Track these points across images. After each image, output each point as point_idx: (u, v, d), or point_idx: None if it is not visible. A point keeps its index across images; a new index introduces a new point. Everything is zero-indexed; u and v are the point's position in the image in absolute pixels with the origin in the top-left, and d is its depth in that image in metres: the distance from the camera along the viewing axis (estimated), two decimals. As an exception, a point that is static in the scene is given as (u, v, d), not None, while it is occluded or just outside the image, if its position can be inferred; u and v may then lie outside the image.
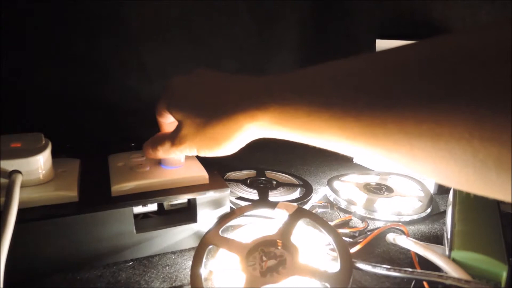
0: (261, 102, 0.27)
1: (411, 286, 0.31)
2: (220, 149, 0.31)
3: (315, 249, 0.35)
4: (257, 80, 0.29)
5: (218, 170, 0.42)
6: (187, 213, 0.38)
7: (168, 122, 0.38)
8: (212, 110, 0.30)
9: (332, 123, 0.23)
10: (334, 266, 0.32)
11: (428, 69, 0.19)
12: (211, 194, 0.37)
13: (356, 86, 0.22)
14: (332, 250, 0.35)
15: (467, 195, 0.41)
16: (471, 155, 0.17)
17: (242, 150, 0.32)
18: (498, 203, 0.39)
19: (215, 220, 0.37)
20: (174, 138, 0.33)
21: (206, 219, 0.37)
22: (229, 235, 0.37)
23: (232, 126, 0.29)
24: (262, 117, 0.27)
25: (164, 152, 0.35)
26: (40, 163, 0.34)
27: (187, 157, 0.41)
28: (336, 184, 0.52)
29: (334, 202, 0.48)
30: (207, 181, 0.38)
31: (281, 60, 0.75)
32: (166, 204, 0.38)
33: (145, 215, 0.38)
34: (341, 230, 0.40)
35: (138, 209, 0.36)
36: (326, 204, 0.45)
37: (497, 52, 0.17)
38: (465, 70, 0.17)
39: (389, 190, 0.50)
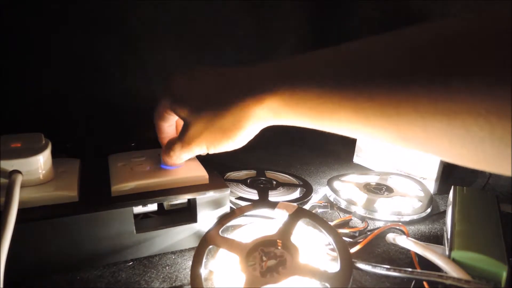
0: (270, 86, 0.27)
1: (411, 286, 0.31)
2: (230, 141, 0.30)
3: (315, 249, 0.35)
4: (264, 66, 0.29)
5: (218, 170, 0.42)
6: (187, 213, 0.38)
7: (168, 125, 0.37)
8: (221, 101, 0.29)
9: (344, 104, 0.23)
10: (334, 266, 0.32)
11: (444, 47, 0.19)
12: (211, 194, 0.37)
13: (369, 67, 0.22)
14: (332, 250, 0.35)
15: (467, 195, 0.41)
16: (488, 132, 0.17)
17: (242, 150, 0.32)
18: (498, 203, 0.40)
19: (215, 220, 0.37)
20: (182, 139, 0.32)
21: (206, 219, 0.37)
22: (229, 235, 0.37)
23: (242, 114, 0.28)
24: (272, 101, 0.27)
25: (177, 157, 0.35)
26: (40, 163, 0.34)
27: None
28: (336, 184, 0.52)
29: (334, 202, 0.48)
30: (207, 181, 0.38)
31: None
32: (166, 204, 0.38)
33: (145, 215, 0.38)
34: (341, 230, 0.40)
35: (138, 209, 0.36)
36: (326, 204, 0.45)
37: None
38: (482, 47, 0.17)
39: (389, 190, 0.50)
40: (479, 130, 0.17)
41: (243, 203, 0.43)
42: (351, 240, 0.39)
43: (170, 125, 0.37)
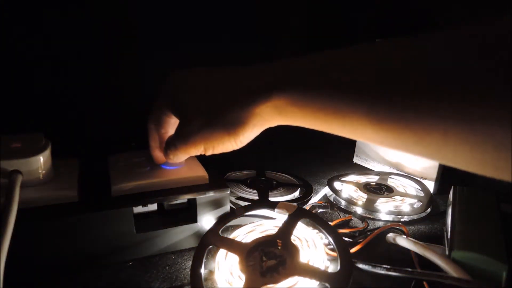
0: (279, 85, 0.25)
1: (411, 286, 0.31)
2: (232, 139, 0.29)
3: (315, 249, 0.35)
4: (273, 64, 0.27)
5: (218, 170, 0.42)
6: (187, 213, 0.38)
7: (164, 131, 0.35)
8: (224, 96, 0.28)
9: (357, 105, 0.22)
10: (334, 266, 0.32)
11: (467, 50, 0.18)
12: (211, 194, 0.37)
13: (386, 69, 0.21)
14: (332, 250, 0.35)
15: (467, 195, 0.41)
16: None
17: (242, 150, 0.32)
18: (498, 203, 0.40)
19: (215, 220, 0.37)
20: (178, 135, 0.31)
21: (206, 219, 0.37)
22: (229, 235, 0.37)
23: (247, 110, 0.27)
24: (280, 100, 0.25)
25: (174, 157, 0.33)
26: (40, 163, 0.34)
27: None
28: (336, 184, 0.52)
29: (334, 202, 0.48)
30: (207, 181, 0.38)
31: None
32: (166, 204, 0.38)
33: (145, 215, 0.38)
34: (341, 230, 0.40)
35: (138, 209, 0.36)
36: (326, 204, 0.45)
37: None
38: (507, 48, 0.16)
39: (389, 190, 0.50)
40: (503, 136, 0.17)
41: (243, 203, 0.43)
42: (351, 240, 0.39)
43: (166, 132, 0.36)
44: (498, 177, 0.19)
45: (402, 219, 0.45)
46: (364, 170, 0.60)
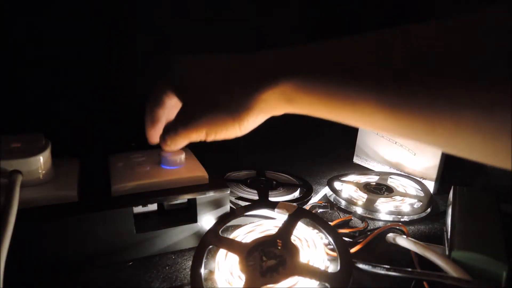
0: (286, 70, 0.25)
1: (411, 286, 0.31)
2: (236, 124, 0.28)
3: (315, 249, 0.35)
4: (277, 51, 0.27)
5: (218, 170, 0.42)
6: (187, 213, 0.38)
7: (163, 112, 0.34)
8: (230, 85, 0.27)
9: (367, 92, 0.21)
10: (334, 266, 0.32)
11: (479, 37, 0.18)
12: (211, 194, 0.37)
13: (397, 56, 0.20)
14: (332, 250, 0.35)
15: (467, 195, 0.41)
16: None
17: (242, 150, 0.32)
18: (498, 203, 0.40)
19: (215, 220, 0.37)
20: (179, 119, 0.30)
21: (206, 219, 0.37)
22: (229, 235, 0.37)
23: (252, 95, 0.26)
24: (287, 86, 0.25)
25: (172, 143, 0.32)
26: (40, 163, 0.34)
27: (187, 157, 0.41)
28: (336, 184, 0.52)
29: (334, 202, 0.48)
30: (207, 181, 0.38)
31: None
32: (166, 204, 0.38)
33: (145, 215, 0.38)
34: (341, 230, 0.40)
35: (138, 209, 0.36)
36: (326, 204, 0.45)
37: None
38: None
39: (389, 190, 0.50)
40: None
41: (243, 203, 0.43)
42: (351, 240, 0.39)
43: (163, 112, 0.34)
44: (510, 167, 0.18)
45: (402, 219, 0.45)
46: (364, 170, 0.60)
